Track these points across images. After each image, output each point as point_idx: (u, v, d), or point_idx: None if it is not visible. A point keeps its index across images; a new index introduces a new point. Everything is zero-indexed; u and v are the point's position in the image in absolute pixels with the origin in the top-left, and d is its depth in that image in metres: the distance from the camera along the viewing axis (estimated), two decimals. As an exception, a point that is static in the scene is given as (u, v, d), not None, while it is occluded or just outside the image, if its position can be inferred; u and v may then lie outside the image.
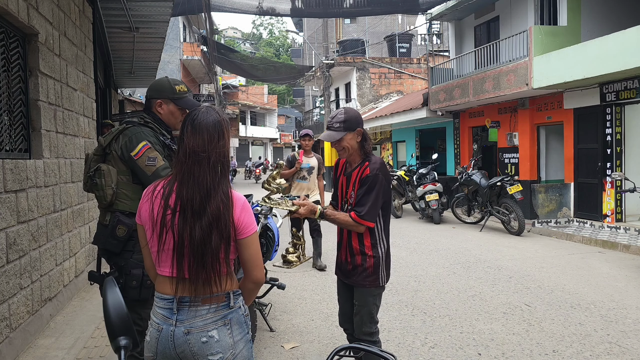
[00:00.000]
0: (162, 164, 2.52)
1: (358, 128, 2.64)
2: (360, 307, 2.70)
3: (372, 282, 2.66)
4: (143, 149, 2.51)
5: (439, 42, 23.14)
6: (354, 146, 2.65)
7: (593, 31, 9.62)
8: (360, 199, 2.57)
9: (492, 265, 6.53)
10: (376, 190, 2.57)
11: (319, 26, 32.82)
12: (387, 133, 18.53)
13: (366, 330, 2.70)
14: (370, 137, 2.75)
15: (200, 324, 1.66)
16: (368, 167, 2.60)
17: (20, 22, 3.83)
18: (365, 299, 2.68)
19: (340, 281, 2.86)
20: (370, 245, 2.66)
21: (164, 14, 7.03)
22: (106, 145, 2.62)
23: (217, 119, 1.72)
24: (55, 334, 4.05)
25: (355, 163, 2.71)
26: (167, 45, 15.83)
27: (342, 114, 2.66)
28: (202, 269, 1.63)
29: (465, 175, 10.43)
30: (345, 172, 2.77)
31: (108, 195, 2.53)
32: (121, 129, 2.62)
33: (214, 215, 1.63)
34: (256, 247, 1.74)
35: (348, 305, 2.82)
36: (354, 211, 2.57)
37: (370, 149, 2.72)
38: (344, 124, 2.61)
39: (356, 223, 2.57)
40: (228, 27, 62.53)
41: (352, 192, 2.65)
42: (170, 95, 2.68)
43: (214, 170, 1.67)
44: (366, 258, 2.65)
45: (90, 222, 5.92)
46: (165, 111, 2.70)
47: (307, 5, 12.98)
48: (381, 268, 2.68)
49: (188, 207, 1.64)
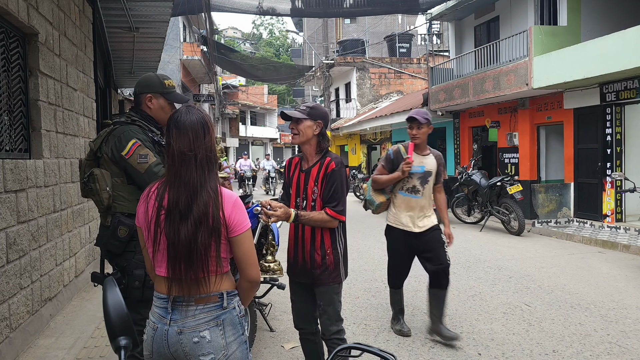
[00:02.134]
0: (154, 160, 2.50)
1: (319, 120, 2.67)
2: (326, 307, 2.70)
3: (334, 279, 2.68)
4: (133, 147, 2.49)
5: (439, 42, 23.13)
6: (308, 135, 2.66)
7: (593, 31, 9.62)
8: (332, 194, 2.59)
9: (492, 265, 6.53)
10: (344, 184, 2.63)
11: (319, 26, 32.82)
12: (387, 133, 18.52)
13: (334, 329, 2.71)
14: (329, 138, 2.79)
15: (193, 324, 1.67)
16: (332, 162, 2.63)
17: (20, 22, 3.83)
18: (330, 297, 2.69)
19: (296, 282, 2.84)
20: (330, 243, 2.67)
21: (164, 14, 7.02)
22: (97, 149, 2.60)
23: (200, 116, 1.74)
24: (55, 334, 4.05)
25: (312, 159, 2.72)
26: (167, 45, 15.82)
27: (312, 103, 2.76)
28: (190, 268, 1.64)
29: (465, 175, 10.43)
30: (302, 169, 2.75)
31: (104, 199, 2.51)
32: (109, 131, 2.59)
33: (201, 212, 1.64)
34: (249, 245, 1.73)
35: (307, 306, 2.80)
36: (328, 207, 2.58)
37: (327, 146, 2.74)
38: (310, 109, 2.67)
39: (332, 218, 2.58)
40: (228, 27, 62.52)
41: (314, 188, 2.65)
42: (160, 89, 2.68)
43: (201, 168, 1.69)
44: (326, 256, 2.66)
45: (90, 222, 5.92)
46: (156, 106, 2.69)
47: (307, 5, 12.98)
48: (341, 264, 2.71)
49: (175, 207, 1.65)
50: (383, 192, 3.97)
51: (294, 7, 12.93)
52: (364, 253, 7.32)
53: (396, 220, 3.92)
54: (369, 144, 21.11)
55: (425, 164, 3.84)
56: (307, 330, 2.85)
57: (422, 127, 3.79)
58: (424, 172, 3.83)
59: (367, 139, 20.87)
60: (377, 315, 4.60)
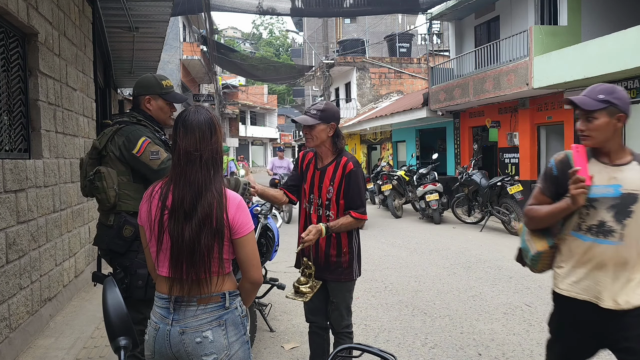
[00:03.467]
0: (166, 155, 2.51)
1: (332, 122, 2.66)
2: (338, 303, 2.73)
3: (348, 275, 2.69)
4: (144, 144, 2.50)
5: (439, 42, 23.14)
6: (322, 138, 2.65)
7: (593, 31, 9.62)
8: (355, 196, 2.62)
9: (492, 265, 6.53)
10: (363, 184, 2.66)
11: (319, 26, 32.82)
12: (387, 133, 18.53)
13: (345, 324, 2.75)
14: (343, 136, 2.76)
15: (195, 324, 1.67)
16: (350, 162, 2.64)
17: (20, 22, 3.82)
18: (343, 294, 2.72)
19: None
20: (347, 241, 2.68)
21: (164, 13, 7.02)
22: (102, 148, 2.60)
23: (208, 116, 1.74)
24: (55, 334, 4.04)
25: (328, 158, 2.72)
26: (167, 45, 15.82)
27: (322, 104, 2.70)
28: (192, 268, 1.64)
29: (466, 175, 10.42)
30: (317, 167, 2.76)
31: (111, 197, 2.52)
32: (115, 130, 2.60)
33: (205, 213, 1.64)
34: (252, 247, 1.74)
35: (319, 298, 2.78)
36: (353, 210, 2.61)
37: (343, 146, 2.73)
38: (321, 113, 2.63)
39: (358, 220, 2.62)
40: (228, 27, 62.53)
41: (329, 187, 2.67)
42: (158, 90, 2.68)
43: (206, 169, 1.68)
44: (342, 253, 2.67)
45: (90, 222, 5.92)
46: (155, 107, 2.69)
47: (307, 4, 12.98)
48: (355, 262, 2.72)
49: (180, 207, 1.65)
50: (546, 235, 2.24)
51: (294, 6, 12.93)
52: (364, 253, 7.29)
53: (569, 285, 2.14)
54: (369, 144, 21.12)
55: (621, 180, 2.04)
56: (318, 324, 2.86)
57: (595, 115, 2.01)
58: (620, 195, 2.03)
59: (367, 139, 20.88)
60: (377, 315, 4.60)
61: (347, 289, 2.73)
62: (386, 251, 7.65)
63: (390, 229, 9.95)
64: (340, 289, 2.71)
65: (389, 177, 12.27)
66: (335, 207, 2.65)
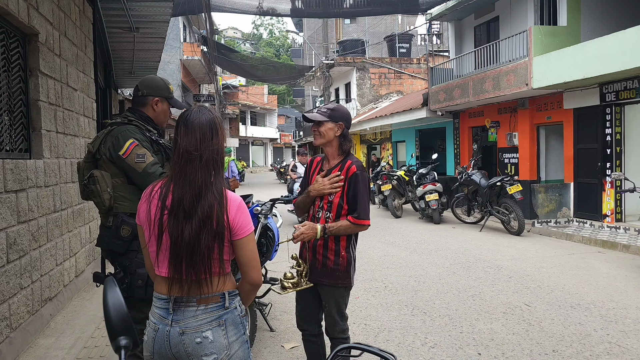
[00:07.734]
0: (152, 159, 2.51)
1: (340, 122, 2.68)
2: (330, 309, 2.70)
3: (344, 281, 2.68)
4: (131, 146, 2.50)
5: (439, 42, 23.14)
6: (330, 137, 2.67)
7: (593, 31, 9.63)
8: (353, 199, 2.60)
9: (492, 265, 6.53)
10: (366, 189, 2.63)
11: (319, 26, 32.82)
12: (387, 133, 18.53)
13: (339, 329, 2.71)
14: (351, 139, 2.77)
15: (195, 325, 1.66)
16: (353, 165, 2.64)
17: (20, 22, 3.83)
18: (335, 299, 2.69)
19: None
20: (345, 245, 2.67)
21: (164, 14, 7.03)
22: (95, 151, 2.61)
23: (210, 117, 1.74)
24: (55, 333, 4.05)
25: (334, 160, 2.73)
26: (167, 45, 15.83)
27: (334, 104, 2.77)
28: (192, 269, 1.64)
29: (465, 175, 10.43)
30: (322, 169, 2.78)
31: (106, 200, 2.52)
32: (107, 132, 2.61)
33: (206, 214, 1.63)
34: (252, 248, 1.74)
35: (311, 306, 2.78)
36: (351, 215, 2.60)
37: (349, 148, 2.74)
38: (331, 111, 2.68)
39: (357, 225, 2.60)
40: (228, 27, 62.51)
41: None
42: (166, 93, 2.73)
43: (206, 169, 1.68)
44: (339, 258, 2.65)
45: (91, 222, 5.92)
46: (160, 109, 2.73)
47: (307, 5, 12.99)
48: (352, 268, 2.71)
49: (180, 206, 1.65)
50: None
51: (294, 7, 12.94)
52: (364, 253, 7.32)
53: None
54: (369, 144, 21.12)
55: None
56: (310, 332, 2.84)
57: None
58: None
59: (367, 139, 20.88)
60: (377, 315, 4.61)
61: (341, 294, 2.69)
62: (386, 251, 7.66)
63: (390, 229, 9.95)
64: (332, 294, 2.67)
65: (389, 177, 12.28)
66: (335, 210, 2.64)
